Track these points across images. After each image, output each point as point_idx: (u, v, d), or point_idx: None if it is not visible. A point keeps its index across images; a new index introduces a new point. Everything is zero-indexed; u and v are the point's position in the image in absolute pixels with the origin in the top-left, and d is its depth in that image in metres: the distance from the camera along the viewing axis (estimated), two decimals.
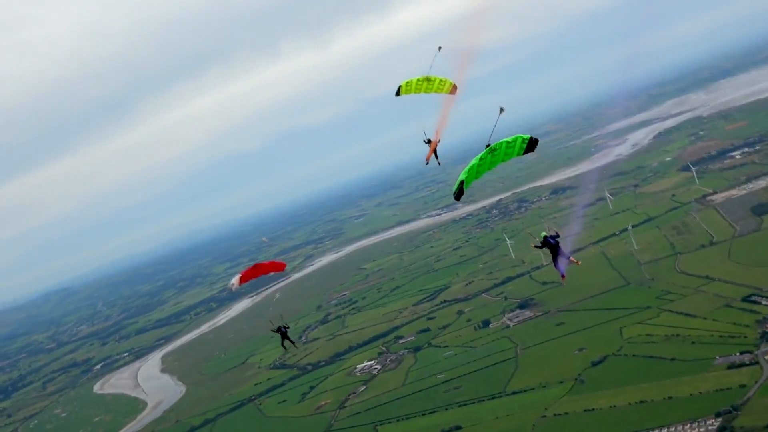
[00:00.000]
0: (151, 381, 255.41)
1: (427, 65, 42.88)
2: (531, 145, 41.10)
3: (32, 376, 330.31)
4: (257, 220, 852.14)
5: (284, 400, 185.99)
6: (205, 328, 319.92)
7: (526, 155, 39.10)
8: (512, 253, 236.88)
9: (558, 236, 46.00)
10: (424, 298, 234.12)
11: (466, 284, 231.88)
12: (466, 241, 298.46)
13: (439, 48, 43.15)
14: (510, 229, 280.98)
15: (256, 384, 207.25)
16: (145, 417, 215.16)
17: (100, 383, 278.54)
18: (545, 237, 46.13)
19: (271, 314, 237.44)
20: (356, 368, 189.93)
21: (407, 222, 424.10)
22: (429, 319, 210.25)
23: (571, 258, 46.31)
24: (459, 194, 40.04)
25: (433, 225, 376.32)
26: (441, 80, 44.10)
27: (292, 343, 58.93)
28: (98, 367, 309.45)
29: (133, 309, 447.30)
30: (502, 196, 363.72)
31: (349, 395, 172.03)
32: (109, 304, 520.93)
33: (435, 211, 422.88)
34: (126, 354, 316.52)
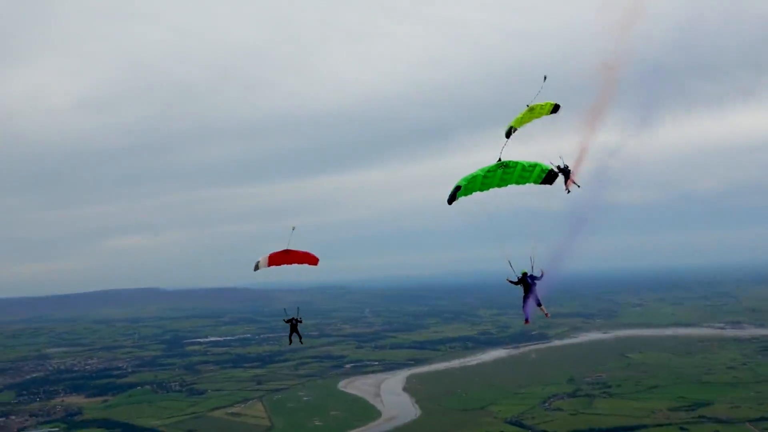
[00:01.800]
0: (391, 395, 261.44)
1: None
2: (550, 176, 38.56)
3: (289, 355, 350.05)
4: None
5: None
6: (455, 363, 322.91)
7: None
8: None
9: (540, 278, 41.44)
10: (682, 407, 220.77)
11: (732, 407, 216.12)
12: (743, 364, 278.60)
13: (545, 77, 41.81)
14: None
15: None
16: (375, 427, 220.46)
17: (345, 381, 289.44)
18: (525, 274, 41.96)
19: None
20: None
21: (685, 325, 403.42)
22: (682, 429, 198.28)
23: (542, 307, 43.60)
24: (451, 199, 38.34)
25: (712, 337, 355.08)
26: (542, 105, 42.74)
27: (300, 338, 55.91)
28: (349, 366, 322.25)
29: (395, 324, 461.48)
30: None
31: None
32: (374, 313, 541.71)
33: (718, 324, 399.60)
34: (376, 363, 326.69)
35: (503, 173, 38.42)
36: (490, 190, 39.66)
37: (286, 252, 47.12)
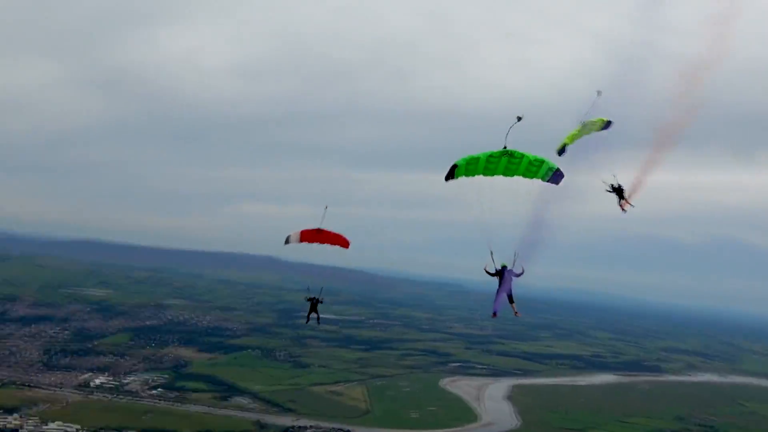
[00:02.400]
0: (492, 401, 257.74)
1: None
2: (557, 176, 37.47)
3: (395, 344, 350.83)
4: (659, 310, 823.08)
5: None
6: (562, 380, 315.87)
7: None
8: None
9: (518, 275, 40.16)
10: None
11: None
12: None
13: (599, 92, 39.71)
14: None
15: None
16: (472, 429, 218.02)
17: (448, 379, 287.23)
18: (504, 267, 40.06)
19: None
20: None
21: None
22: None
23: (513, 305, 41.65)
24: (448, 177, 37.47)
25: None
26: (593, 121, 40.97)
27: (318, 319, 53.06)
28: (454, 365, 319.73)
29: (507, 331, 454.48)
30: None
31: None
32: (488, 317, 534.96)
33: None
34: (482, 367, 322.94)
35: (508, 162, 37.59)
36: (494, 177, 38.61)
37: (319, 231, 46.06)
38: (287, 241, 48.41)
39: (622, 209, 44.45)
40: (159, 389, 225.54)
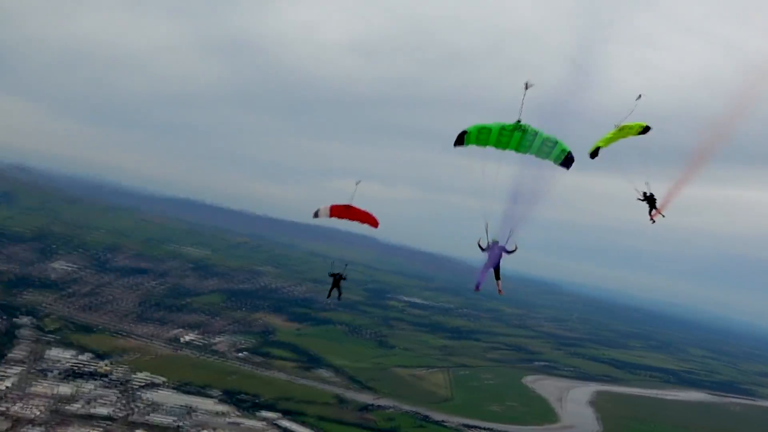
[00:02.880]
0: (574, 404, 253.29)
1: None
2: (568, 160, 35.51)
3: (482, 336, 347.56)
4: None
5: None
6: (650, 392, 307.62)
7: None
8: None
9: (512, 252, 38.61)
10: None
11: None
12: None
13: (639, 96, 38.29)
14: None
15: None
16: (551, 430, 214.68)
17: (532, 377, 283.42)
18: (495, 243, 38.59)
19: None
20: None
21: None
22: None
23: (499, 282, 40.10)
24: (456, 143, 36.39)
25: None
26: (630, 125, 39.53)
27: (339, 296, 50.77)
28: (540, 363, 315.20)
29: (599, 336, 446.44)
30: None
31: None
32: (581, 320, 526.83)
33: None
34: (568, 369, 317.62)
35: (521, 138, 35.64)
36: (506, 151, 36.92)
37: (348, 207, 45.09)
38: (316, 215, 47.63)
39: (652, 219, 42.20)
40: (245, 352, 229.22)
